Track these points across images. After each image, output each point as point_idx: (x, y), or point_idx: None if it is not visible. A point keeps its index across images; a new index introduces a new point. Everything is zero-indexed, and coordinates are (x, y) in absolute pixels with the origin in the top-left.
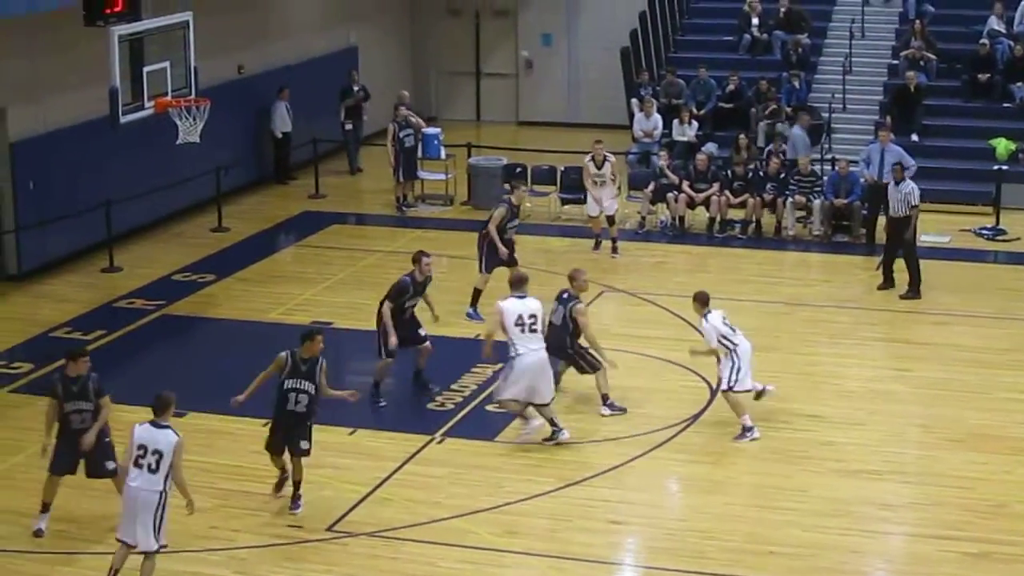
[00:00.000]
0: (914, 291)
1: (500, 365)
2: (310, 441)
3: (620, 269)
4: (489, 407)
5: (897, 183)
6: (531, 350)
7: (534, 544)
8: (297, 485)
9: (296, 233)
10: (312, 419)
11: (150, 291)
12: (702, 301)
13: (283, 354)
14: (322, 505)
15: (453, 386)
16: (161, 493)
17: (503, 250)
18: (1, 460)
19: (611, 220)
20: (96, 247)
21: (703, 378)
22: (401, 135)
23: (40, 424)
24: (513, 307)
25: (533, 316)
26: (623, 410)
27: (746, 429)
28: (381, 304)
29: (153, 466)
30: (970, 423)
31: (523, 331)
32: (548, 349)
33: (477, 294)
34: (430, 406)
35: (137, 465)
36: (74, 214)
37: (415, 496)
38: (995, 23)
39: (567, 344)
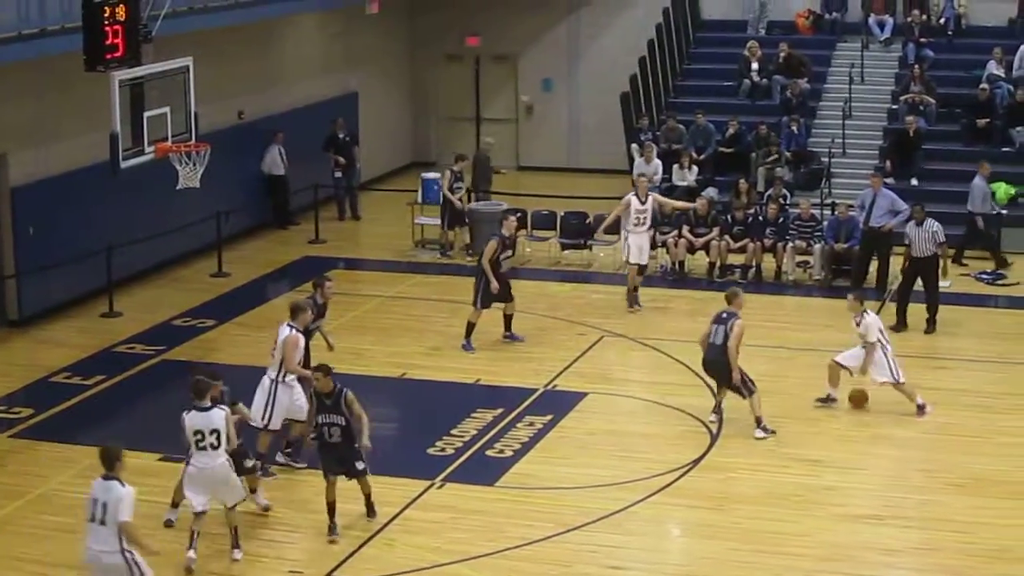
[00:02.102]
0: (931, 326)
1: (500, 410)
2: (363, 460)
3: (620, 314)
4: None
5: (919, 223)
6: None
7: None
8: (368, 498)
9: (296, 278)
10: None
11: (150, 336)
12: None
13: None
14: (322, 551)
15: (453, 431)
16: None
17: (495, 284)
18: (2, 505)
19: (642, 270)
20: (96, 292)
21: (703, 423)
22: (455, 186)
23: (37, 470)
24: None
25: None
26: (773, 432)
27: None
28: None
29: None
30: (971, 468)
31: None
32: (714, 366)
33: (471, 327)
34: (430, 451)
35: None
36: (74, 259)
37: (415, 541)
38: (994, 68)
39: (728, 365)
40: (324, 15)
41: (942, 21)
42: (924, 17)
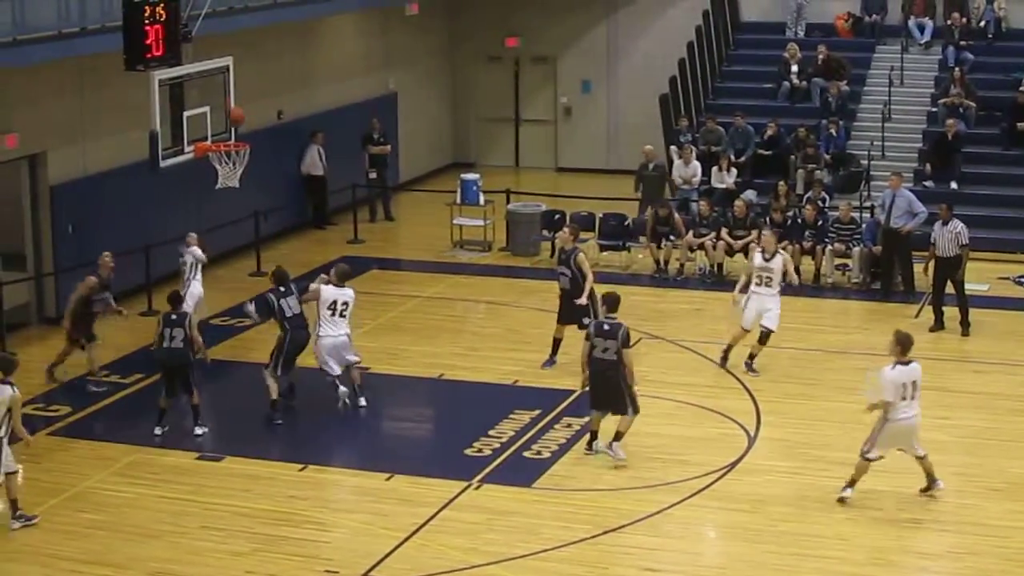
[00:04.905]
0: (965, 329)
1: (538, 411)
2: None
3: (657, 316)
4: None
5: (945, 223)
6: (330, 334)
7: None
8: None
9: None
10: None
11: None
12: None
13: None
14: (358, 550)
15: (491, 432)
16: None
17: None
18: (40, 502)
19: (765, 338)
20: (135, 291)
21: (741, 425)
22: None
23: (74, 468)
24: (330, 293)
25: (346, 303)
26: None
27: None
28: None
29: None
30: (1010, 472)
31: (333, 315)
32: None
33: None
34: (467, 452)
35: None
36: (113, 257)
37: (451, 542)
38: None
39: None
40: (363, 15)
41: (982, 24)
42: (964, 20)
